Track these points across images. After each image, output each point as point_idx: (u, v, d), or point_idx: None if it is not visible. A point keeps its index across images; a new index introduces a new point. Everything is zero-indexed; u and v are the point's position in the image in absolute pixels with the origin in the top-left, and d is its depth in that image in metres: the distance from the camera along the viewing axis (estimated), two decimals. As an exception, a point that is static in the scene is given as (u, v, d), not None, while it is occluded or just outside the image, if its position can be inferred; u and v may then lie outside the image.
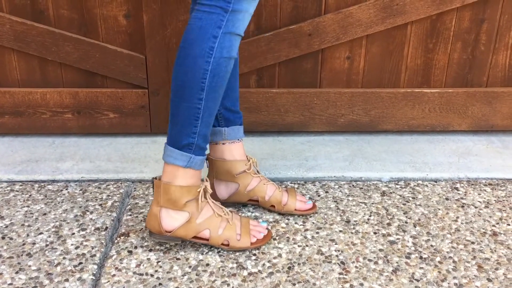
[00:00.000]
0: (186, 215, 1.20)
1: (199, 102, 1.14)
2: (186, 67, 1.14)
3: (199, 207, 1.21)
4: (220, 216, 1.23)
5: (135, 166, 1.61)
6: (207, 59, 1.12)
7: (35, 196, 1.47)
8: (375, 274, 1.18)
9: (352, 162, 1.66)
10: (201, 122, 1.16)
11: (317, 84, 1.77)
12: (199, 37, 1.12)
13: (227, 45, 1.12)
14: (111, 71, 1.70)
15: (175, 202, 1.19)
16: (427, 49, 1.73)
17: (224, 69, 1.14)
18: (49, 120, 1.76)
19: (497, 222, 1.38)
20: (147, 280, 1.15)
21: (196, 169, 1.20)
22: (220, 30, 1.11)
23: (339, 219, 1.38)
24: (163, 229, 1.21)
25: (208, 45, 1.11)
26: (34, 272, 1.17)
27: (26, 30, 1.63)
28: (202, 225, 1.21)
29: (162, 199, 1.20)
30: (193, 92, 1.14)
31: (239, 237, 1.23)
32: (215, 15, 1.10)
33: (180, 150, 1.18)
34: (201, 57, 1.12)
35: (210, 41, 1.11)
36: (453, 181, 1.58)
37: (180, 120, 1.16)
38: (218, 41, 1.11)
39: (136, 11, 1.64)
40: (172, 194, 1.19)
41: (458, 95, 1.78)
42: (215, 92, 1.15)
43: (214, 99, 1.16)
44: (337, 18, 1.65)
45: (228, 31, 1.11)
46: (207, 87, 1.13)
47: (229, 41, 1.12)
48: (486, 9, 1.68)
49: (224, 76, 1.15)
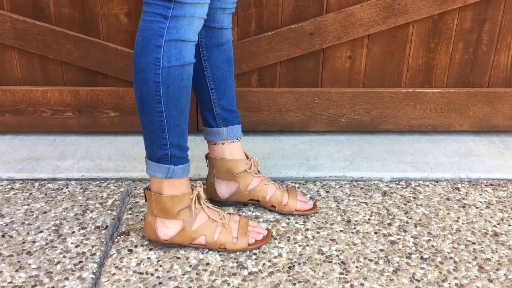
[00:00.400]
0: (180, 224, 1.20)
1: (160, 114, 1.10)
2: (138, 81, 1.09)
3: (193, 214, 1.20)
4: (215, 221, 1.23)
5: (135, 165, 1.61)
6: (156, 71, 1.06)
7: (36, 195, 1.46)
8: (376, 274, 1.18)
9: (353, 162, 1.65)
10: (169, 133, 1.13)
11: (318, 84, 1.77)
12: (143, 49, 1.06)
13: (174, 53, 1.06)
14: (112, 69, 1.70)
15: (168, 211, 1.19)
16: (429, 49, 1.73)
17: (179, 78, 1.08)
18: (49, 118, 1.76)
19: (498, 223, 1.38)
20: (147, 279, 1.15)
21: (179, 177, 1.18)
22: (163, 38, 1.05)
23: (340, 219, 1.38)
24: (159, 238, 1.21)
25: (153, 56, 1.06)
26: (34, 270, 1.17)
27: (27, 28, 1.63)
28: (197, 232, 1.21)
29: (155, 209, 1.20)
30: (151, 105, 1.10)
31: (235, 240, 1.23)
32: (155, 24, 1.05)
33: (157, 163, 1.16)
34: (150, 70, 1.07)
35: (154, 51, 1.05)
36: (454, 182, 1.57)
37: (148, 133, 1.14)
38: (162, 50, 1.05)
39: (137, 10, 1.64)
40: (163, 204, 1.18)
41: (460, 95, 1.78)
42: (175, 101, 1.10)
43: (177, 109, 1.11)
44: (339, 17, 1.65)
45: (172, 38, 1.05)
46: (164, 99, 1.09)
47: (176, 48, 1.06)
48: (488, 9, 1.68)
49: (181, 84, 1.10)
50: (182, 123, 1.15)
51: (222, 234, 1.22)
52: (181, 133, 1.15)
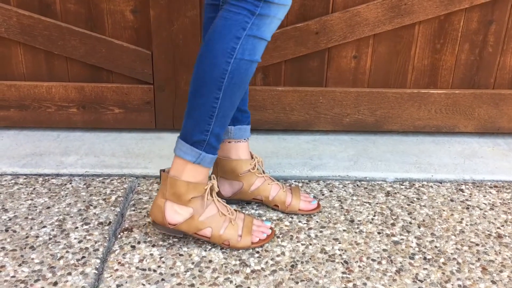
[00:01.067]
0: (190, 211, 1.20)
1: (215, 100, 1.14)
2: (206, 64, 1.13)
3: (204, 204, 1.21)
4: (224, 216, 1.23)
5: (139, 162, 1.61)
6: (228, 59, 1.11)
7: (39, 190, 1.47)
8: (379, 274, 1.18)
9: (357, 161, 1.65)
10: (215, 121, 1.15)
11: (323, 83, 1.77)
12: (221, 36, 1.11)
13: (250, 48, 1.11)
14: (117, 66, 1.70)
15: (180, 197, 1.19)
16: (435, 49, 1.72)
17: (244, 72, 1.13)
18: (54, 114, 1.76)
19: (502, 225, 1.37)
20: (149, 276, 1.15)
21: (205, 166, 1.19)
22: (244, 32, 1.10)
23: (343, 218, 1.38)
24: (166, 221, 1.20)
25: (230, 46, 1.10)
26: (37, 265, 1.17)
27: (33, 24, 1.63)
28: (204, 223, 1.21)
29: (168, 192, 1.19)
30: (210, 90, 1.13)
31: (239, 238, 1.23)
32: (241, 17, 1.10)
33: (191, 146, 1.17)
34: (221, 57, 1.11)
35: (233, 41, 1.10)
36: (458, 183, 1.57)
37: (195, 115, 1.16)
38: (240, 42, 1.10)
39: (143, 7, 1.64)
40: (178, 189, 1.18)
41: (465, 96, 1.77)
42: (232, 93, 1.14)
43: (231, 100, 1.15)
44: (345, 17, 1.65)
45: (252, 34, 1.11)
46: (224, 87, 1.13)
47: (252, 44, 1.11)
48: (495, 11, 1.67)
49: (244, 79, 1.15)
50: (229, 115, 1.18)
51: (228, 230, 1.22)
52: (224, 124, 1.18)
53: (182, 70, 1.71)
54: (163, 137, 1.78)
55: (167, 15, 1.63)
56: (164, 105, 1.76)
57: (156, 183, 1.52)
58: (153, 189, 1.48)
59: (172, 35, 1.65)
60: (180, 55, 1.68)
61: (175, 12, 1.62)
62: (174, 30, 1.65)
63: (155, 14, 1.63)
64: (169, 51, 1.67)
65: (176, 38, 1.66)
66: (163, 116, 1.78)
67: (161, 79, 1.72)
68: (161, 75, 1.72)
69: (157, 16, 1.63)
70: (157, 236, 1.28)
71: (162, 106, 1.76)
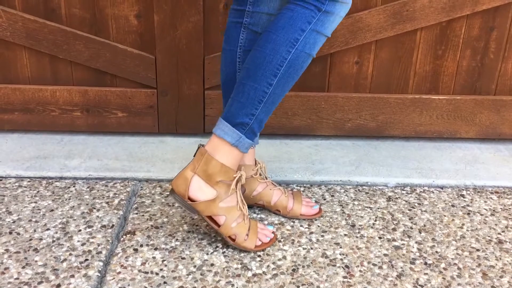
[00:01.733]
0: (214, 193, 1.21)
1: (268, 86, 1.16)
2: (268, 49, 1.15)
3: (229, 192, 1.22)
4: (241, 211, 1.24)
5: (142, 165, 1.62)
6: (290, 48, 1.14)
7: (43, 193, 1.48)
8: (379, 279, 1.18)
9: (359, 166, 1.66)
10: (263, 107, 1.18)
11: (325, 88, 1.78)
12: (287, 26, 1.14)
13: (311, 42, 1.15)
14: (121, 70, 1.72)
15: (210, 176, 1.20)
16: (436, 55, 1.73)
17: (301, 64, 1.16)
18: (58, 117, 1.78)
19: (503, 230, 1.38)
20: (152, 279, 1.16)
21: (241, 151, 1.21)
22: (309, 25, 1.13)
23: (344, 223, 1.38)
24: (187, 193, 1.20)
25: (294, 36, 1.13)
26: (40, 267, 1.18)
27: (38, 28, 1.65)
28: (222, 210, 1.22)
29: (200, 167, 1.20)
30: (265, 75, 1.16)
31: (246, 237, 1.24)
32: (308, 11, 1.13)
33: (233, 127, 1.19)
34: (284, 45, 1.14)
35: (297, 33, 1.13)
36: (460, 188, 1.57)
37: (243, 98, 1.18)
38: (304, 35, 1.13)
39: (147, 12, 1.65)
40: (211, 168, 1.19)
41: (466, 102, 1.78)
42: (286, 82, 1.17)
43: (282, 89, 1.18)
44: (347, 22, 1.66)
45: (316, 29, 1.14)
46: (280, 75, 1.15)
47: (314, 38, 1.15)
48: (496, 17, 1.68)
49: (299, 71, 1.18)
50: (275, 104, 1.20)
51: (239, 225, 1.23)
52: (269, 111, 1.20)
53: (185, 74, 1.72)
54: (166, 141, 1.79)
55: (170, 20, 1.64)
56: (167, 109, 1.77)
57: (159, 186, 1.53)
58: (156, 193, 1.49)
59: (175, 40, 1.67)
60: (184, 60, 1.70)
61: (179, 17, 1.64)
62: (178, 35, 1.66)
63: (159, 19, 1.64)
64: (173, 55, 1.69)
65: (180, 43, 1.67)
66: (166, 120, 1.79)
67: (165, 84, 1.73)
68: (165, 80, 1.73)
69: (161, 21, 1.64)
70: (160, 240, 1.29)
71: (165, 110, 1.77)
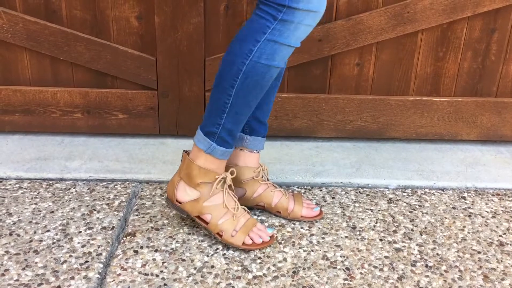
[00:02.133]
0: (197, 194, 1.27)
1: (228, 97, 1.18)
2: (227, 61, 1.18)
3: (211, 192, 1.26)
4: (227, 208, 1.27)
5: (142, 167, 1.62)
6: (244, 60, 1.15)
7: (43, 194, 1.48)
8: (380, 281, 1.18)
9: (359, 168, 1.66)
10: (227, 117, 1.20)
11: (326, 90, 1.77)
12: (244, 37, 1.16)
13: (268, 52, 1.13)
14: (122, 72, 1.72)
15: (191, 179, 1.26)
16: (437, 57, 1.73)
17: (261, 75, 1.16)
18: (58, 119, 1.78)
19: (504, 233, 1.37)
20: (152, 280, 1.16)
21: (216, 157, 1.24)
22: (264, 36, 1.13)
23: (345, 225, 1.38)
24: (174, 197, 1.29)
25: (248, 47, 1.14)
26: (40, 269, 1.18)
27: (38, 30, 1.65)
28: (207, 208, 1.27)
29: (183, 171, 1.28)
30: (225, 86, 1.18)
31: (234, 233, 1.25)
32: (264, 21, 1.13)
33: (204, 135, 1.23)
34: (239, 57, 1.15)
35: (251, 43, 1.14)
36: (461, 190, 1.57)
37: (210, 107, 1.23)
38: (258, 45, 1.13)
39: (148, 13, 1.65)
40: (190, 171, 1.26)
41: (467, 104, 1.78)
42: (246, 93, 1.18)
43: (244, 100, 1.19)
44: (348, 24, 1.66)
45: (273, 39, 1.12)
46: (237, 86, 1.17)
47: (271, 48, 1.13)
48: (497, 19, 1.68)
49: (260, 82, 1.17)
50: (243, 113, 1.22)
51: (226, 222, 1.26)
52: (237, 121, 1.22)
53: (186, 76, 1.72)
54: (167, 143, 1.79)
55: (171, 22, 1.64)
56: (167, 111, 1.77)
57: (159, 188, 1.52)
58: (156, 194, 1.49)
59: (176, 41, 1.67)
60: (184, 62, 1.70)
61: (180, 19, 1.64)
62: (179, 37, 1.66)
63: (159, 21, 1.64)
64: (173, 57, 1.69)
65: (181, 45, 1.67)
66: (166, 122, 1.79)
67: (165, 85, 1.73)
68: (165, 81, 1.73)
69: (162, 23, 1.64)
70: (160, 241, 1.29)
71: (166, 112, 1.77)
